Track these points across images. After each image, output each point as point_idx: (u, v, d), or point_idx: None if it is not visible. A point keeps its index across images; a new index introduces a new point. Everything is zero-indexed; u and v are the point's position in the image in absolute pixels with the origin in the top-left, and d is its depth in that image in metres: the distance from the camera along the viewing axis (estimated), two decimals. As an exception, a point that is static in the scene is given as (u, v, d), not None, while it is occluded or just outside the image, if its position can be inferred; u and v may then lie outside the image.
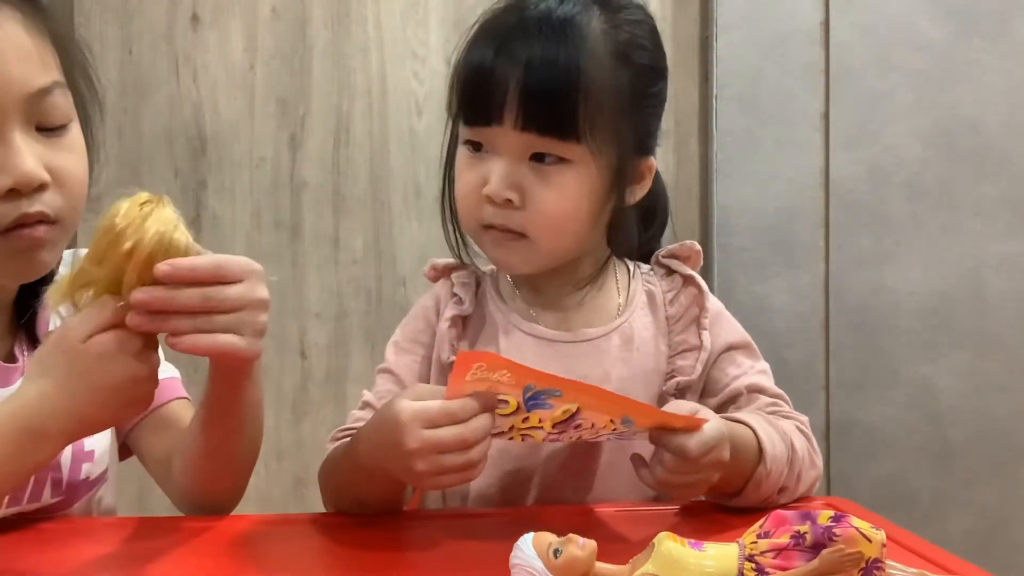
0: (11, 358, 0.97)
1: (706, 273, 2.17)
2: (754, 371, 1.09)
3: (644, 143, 1.06)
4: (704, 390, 1.09)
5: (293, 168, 2.12)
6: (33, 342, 0.97)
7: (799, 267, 2.16)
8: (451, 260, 1.14)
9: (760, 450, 0.96)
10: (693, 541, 0.65)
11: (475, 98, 1.01)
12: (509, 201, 1.00)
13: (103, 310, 0.80)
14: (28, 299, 0.96)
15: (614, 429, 0.86)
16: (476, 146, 1.03)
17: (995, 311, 2.17)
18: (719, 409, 1.03)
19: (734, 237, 2.14)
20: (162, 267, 0.78)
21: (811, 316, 2.16)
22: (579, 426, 0.85)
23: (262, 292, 0.83)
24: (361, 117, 2.18)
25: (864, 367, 2.16)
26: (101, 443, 0.99)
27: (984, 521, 2.16)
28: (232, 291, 0.81)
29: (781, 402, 1.09)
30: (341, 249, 2.16)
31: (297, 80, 2.16)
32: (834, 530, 0.62)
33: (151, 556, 0.87)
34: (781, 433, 1.00)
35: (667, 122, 1.10)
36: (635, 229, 1.11)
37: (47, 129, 0.86)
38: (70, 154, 0.88)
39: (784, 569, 0.62)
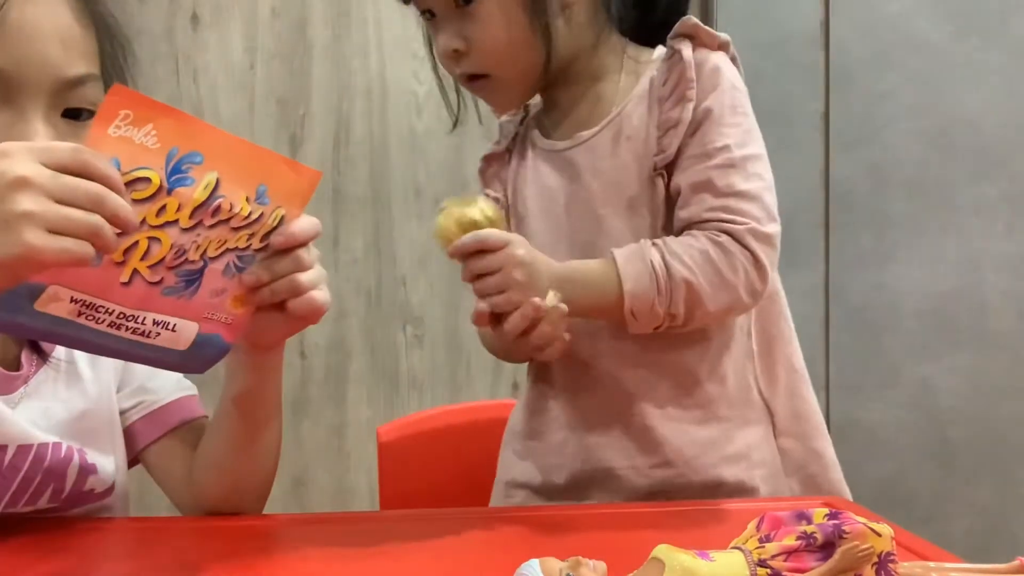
0: (15, 365, 0.93)
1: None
2: (709, 162, 1.01)
3: None
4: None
5: (293, 168, 2.12)
6: (39, 350, 0.94)
7: (799, 267, 2.16)
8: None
9: (621, 290, 0.98)
10: (698, 551, 0.63)
11: None
12: (456, 51, 1.06)
13: None
14: None
15: (248, 217, 0.77)
16: (428, 15, 1.09)
17: (995, 311, 2.18)
18: (676, 202, 1.03)
19: (734, 237, 2.14)
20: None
21: (811, 316, 2.16)
22: (217, 210, 0.74)
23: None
24: (361, 117, 2.18)
25: (864, 367, 2.16)
26: (107, 459, 0.98)
27: (984, 521, 2.16)
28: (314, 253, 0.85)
29: (733, 202, 1.00)
30: (341, 249, 2.16)
31: (297, 80, 2.17)
32: (843, 527, 0.62)
33: (149, 556, 0.87)
34: (658, 264, 0.98)
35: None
36: (610, 11, 1.10)
37: (74, 116, 0.83)
38: None
39: (800, 571, 0.61)
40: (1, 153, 0.65)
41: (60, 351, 0.96)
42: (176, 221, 0.72)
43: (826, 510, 0.63)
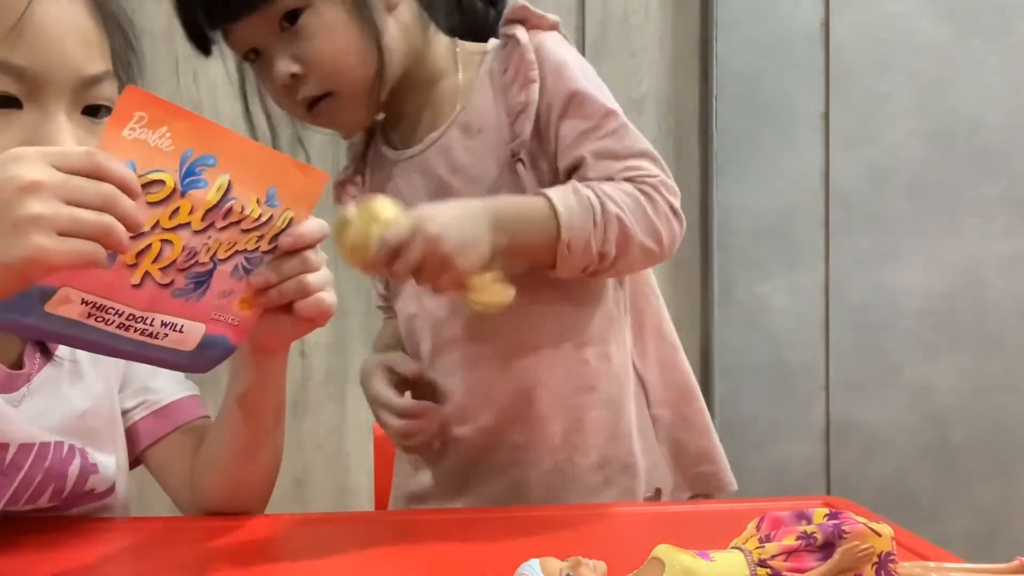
0: (18, 364, 0.94)
1: (706, 273, 2.17)
2: (601, 131, 1.02)
3: None
4: (555, 154, 1.04)
5: (293, 168, 2.12)
6: (44, 348, 0.95)
7: (799, 267, 2.16)
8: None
9: (558, 224, 0.97)
10: (698, 551, 0.63)
11: (189, 29, 1.13)
12: (294, 76, 1.03)
13: None
14: None
15: (258, 219, 0.78)
16: (252, 57, 1.08)
17: (995, 311, 2.18)
18: (568, 177, 1.02)
19: (734, 237, 2.14)
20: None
21: (811, 316, 2.16)
22: (228, 212, 0.74)
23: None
24: (361, 117, 2.18)
25: (864, 367, 2.17)
26: (108, 458, 0.98)
27: (984, 521, 2.16)
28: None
29: (637, 162, 1.02)
30: (341, 249, 2.16)
31: (297, 80, 2.16)
32: (843, 527, 0.62)
33: (149, 556, 0.87)
34: (594, 200, 0.98)
35: (667, 122, 1.09)
36: (432, 7, 1.09)
37: (91, 113, 0.84)
38: None
39: (800, 571, 0.61)
40: (14, 158, 0.66)
41: (63, 350, 0.96)
42: (188, 223, 0.72)
43: (826, 510, 0.63)
